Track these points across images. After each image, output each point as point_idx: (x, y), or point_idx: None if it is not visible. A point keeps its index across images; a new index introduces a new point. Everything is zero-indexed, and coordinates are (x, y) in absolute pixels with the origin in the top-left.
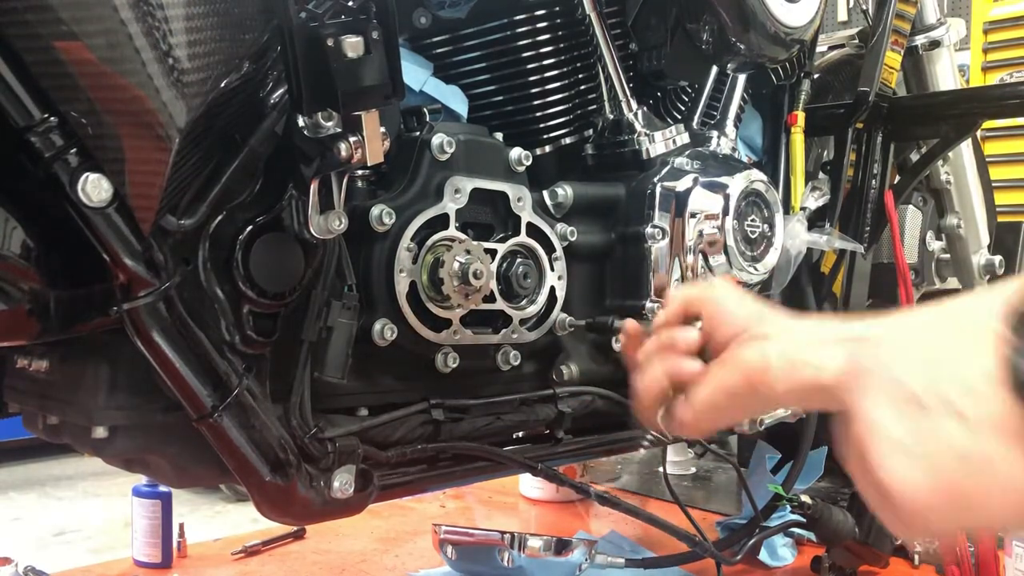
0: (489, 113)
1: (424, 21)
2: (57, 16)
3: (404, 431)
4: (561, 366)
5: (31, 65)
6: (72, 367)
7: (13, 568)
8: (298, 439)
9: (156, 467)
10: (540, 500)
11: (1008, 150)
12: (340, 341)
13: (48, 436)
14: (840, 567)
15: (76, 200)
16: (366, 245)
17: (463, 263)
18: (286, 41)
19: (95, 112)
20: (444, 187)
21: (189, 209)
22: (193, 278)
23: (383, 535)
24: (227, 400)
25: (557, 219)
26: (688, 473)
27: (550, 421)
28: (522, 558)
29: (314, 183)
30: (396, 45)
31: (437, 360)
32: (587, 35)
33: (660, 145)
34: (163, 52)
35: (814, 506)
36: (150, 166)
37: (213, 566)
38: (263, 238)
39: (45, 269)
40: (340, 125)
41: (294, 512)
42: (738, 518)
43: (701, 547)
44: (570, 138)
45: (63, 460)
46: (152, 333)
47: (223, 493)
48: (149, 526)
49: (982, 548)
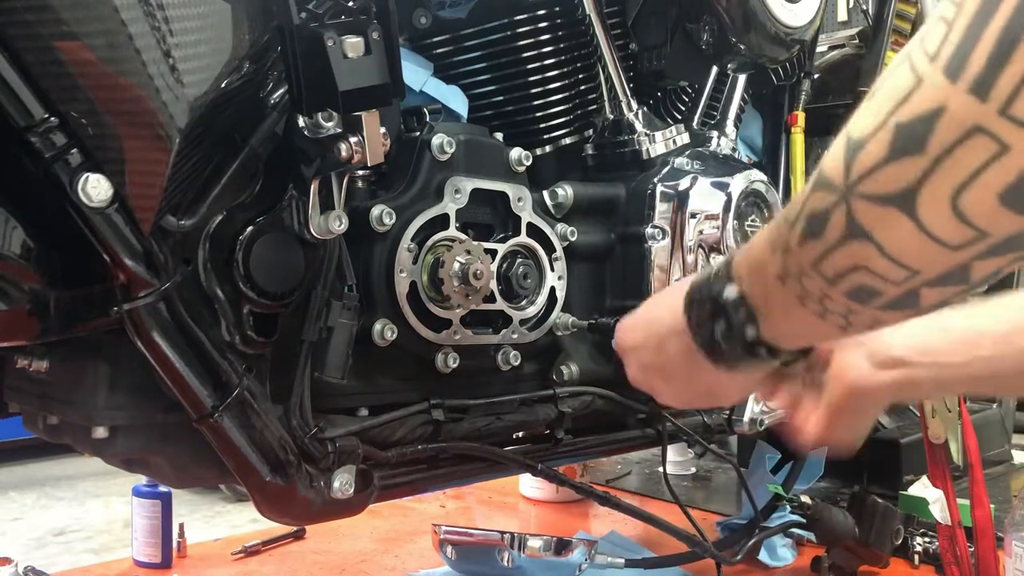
0: (489, 113)
1: (424, 21)
2: (57, 16)
3: (404, 431)
4: (561, 366)
5: (31, 65)
6: (72, 367)
7: (13, 568)
8: (298, 439)
9: (156, 467)
10: (540, 500)
11: None
12: (340, 341)
13: (48, 436)
14: (840, 567)
15: (76, 200)
16: (366, 245)
17: (463, 263)
18: (286, 41)
19: (95, 112)
20: (444, 187)
21: (189, 209)
22: (193, 278)
23: (383, 535)
24: (227, 400)
25: (557, 219)
26: (688, 473)
27: (550, 421)
28: (522, 558)
29: (314, 183)
30: (396, 45)
31: (437, 360)
32: (587, 35)
33: (660, 145)
34: (163, 52)
35: (814, 506)
36: (150, 166)
37: (213, 566)
38: (263, 238)
39: (45, 269)
40: (340, 125)
41: (294, 512)
42: (738, 518)
43: (701, 547)
44: (570, 138)
45: (63, 460)
46: (152, 333)
47: (223, 493)
48: (149, 526)
49: (982, 548)
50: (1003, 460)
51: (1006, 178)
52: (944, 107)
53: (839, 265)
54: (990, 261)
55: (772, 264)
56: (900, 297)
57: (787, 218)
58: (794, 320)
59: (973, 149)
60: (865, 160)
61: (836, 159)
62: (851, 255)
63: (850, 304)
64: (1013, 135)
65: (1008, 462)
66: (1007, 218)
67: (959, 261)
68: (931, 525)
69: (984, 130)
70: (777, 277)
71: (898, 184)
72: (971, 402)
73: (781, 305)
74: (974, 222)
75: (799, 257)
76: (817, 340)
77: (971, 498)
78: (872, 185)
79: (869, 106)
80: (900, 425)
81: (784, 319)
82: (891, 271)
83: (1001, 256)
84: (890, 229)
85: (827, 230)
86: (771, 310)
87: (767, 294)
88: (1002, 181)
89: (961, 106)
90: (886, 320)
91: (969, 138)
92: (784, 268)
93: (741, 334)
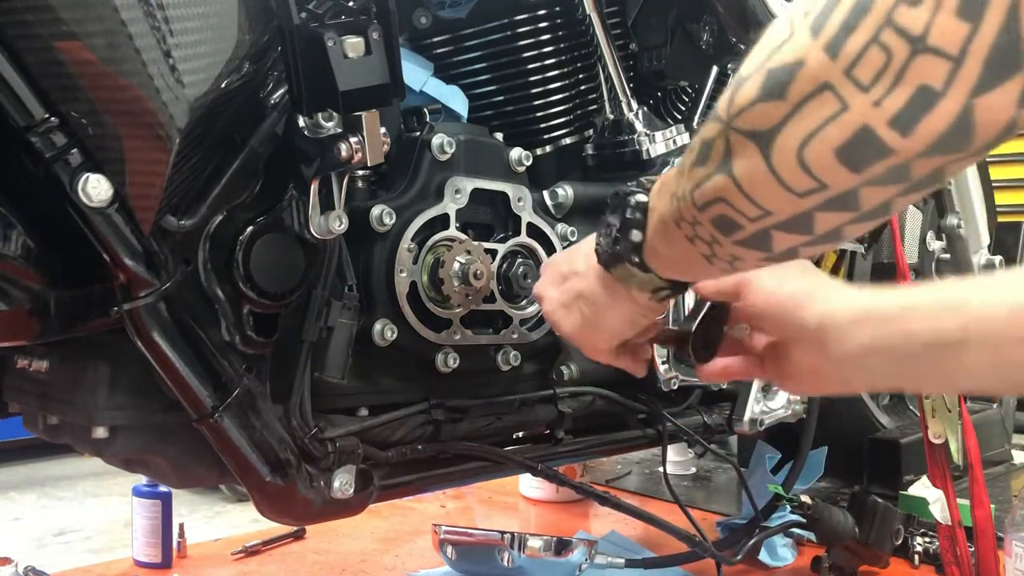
0: (489, 113)
1: (424, 21)
2: (57, 16)
3: (404, 431)
4: (561, 366)
5: (31, 65)
6: (72, 367)
7: (13, 568)
8: (298, 439)
9: (156, 467)
10: (540, 500)
11: (1008, 150)
12: (340, 341)
13: (48, 436)
14: (840, 567)
15: (76, 200)
16: (366, 245)
17: (463, 263)
18: (286, 41)
19: (96, 112)
20: (444, 187)
21: (189, 209)
22: (193, 278)
23: (383, 535)
24: (227, 400)
25: (557, 219)
26: (688, 473)
27: (550, 421)
28: (522, 558)
29: (314, 183)
30: (396, 45)
31: (437, 360)
32: (587, 35)
33: (661, 145)
34: (163, 52)
35: (814, 506)
36: (150, 166)
37: (213, 566)
38: (263, 238)
39: (45, 269)
40: (340, 125)
41: (294, 512)
42: (738, 518)
43: (701, 547)
44: (570, 138)
45: (63, 460)
46: (152, 333)
47: (223, 493)
48: (149, 526)
49: (982, 548)
50: (1003, 460)
51: (843, 134)
52: (803, 60)
53: (707, 194)
54: (831, 214)
55: (673, 184)
56: (755, 235)
57: (691, 145)
58: (672, 240)
59: (821, 103)
60: (741, 97)
61: (725, 94)
62: (717, 186)
63: (714, 232)
64: (853, 95)
65: (1008, 462)
66: (842, 173)
67: (803, 208)
68: (931, 525)
69: (831, 87)
70: (672, 196)
71: (762, 123)
72: (971, 402)
73: (664, 223)
74: (815, 172)
75: (685, 181)
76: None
77: (971, 498)
78: (743, 120)
79: (753, 51)
80: (900, 425)
81: (663, 237)
82: (746, 207)
83: (841, 211)
84: (748, 165)
85: (710, 158)
86: (658, 225)
87: (660, 210)
88: (840, 137)
89: (816, 62)
90: (744, 258)
91: (820, 92)
92: (677, 189)
93: (627, 235)
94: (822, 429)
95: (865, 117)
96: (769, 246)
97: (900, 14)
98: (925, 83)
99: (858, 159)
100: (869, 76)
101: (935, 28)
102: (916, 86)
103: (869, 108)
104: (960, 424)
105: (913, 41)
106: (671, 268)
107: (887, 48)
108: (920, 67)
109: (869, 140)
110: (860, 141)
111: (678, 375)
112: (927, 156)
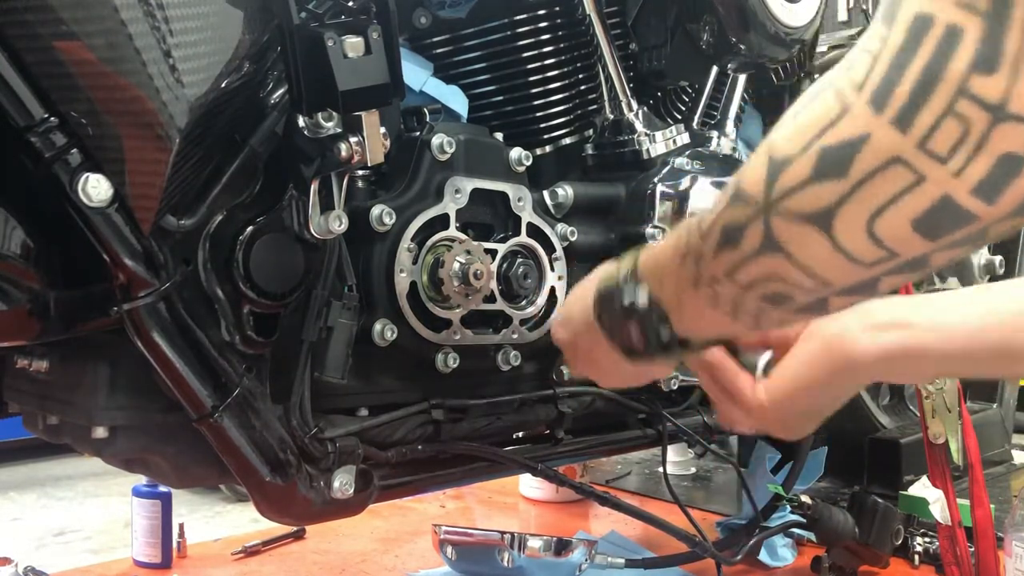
0: (489, 113)
1: (424, 21)
2: (57, 16)
3: (404, 431)
4: (561, 366)
5: (31, 65)
6: (72, 367)
7: (13, 568)
8: (298, 439)
9: (156, 467)
10: (540, 500)
11: None
12: (340, 341)
13: (48, 436)
14: (840, 567)
15: (76, 200)
16: (366, 245)
17: (463, 263)
18: (286, 41)
19: (95, 112)
20: (444, 187)
21: (189, 209)
22: (193, 278)
23: (383, 535)
24: (227, 400)
25: (557, 219)
26: (688, 473)
27: (550, 421)
28: (522, 558)
29: (314, 183)
30: (396, 45)
31: (437, 360)
32: (587, 35)
33: (660, 145)
34: (163, 52)
35: (814, 506)
36: (150, 166)
37: (213, 566)
38: (263, 238)
39: (45, 269)
40: (340, 125)
41: (294, 512)
42: (738, 518)
43: (701, 547)
44: (570, 138)
45: (63, 460)
46: (152, 333)
47: (223, 493)
48: (149, 526)
49: (982, 548)
50: (1003, 460)
51: (920, 206)
52: (868, 136)
53: (754, 274)
54: (897, 277)
55: (684, 271)
56: (810, 303)
57: (700, 228)
58: (706, 319)
59: (892, 177)
60: (788, 179)
61: (757, 176)
62: (766, 266)
63: (762, 305)
64: (930, 167)
65: (1008, 462)
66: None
67: (870, 276)
68: (931, 525)
69: (903, 161)
70: (690, 283)
71: (818, 204)
72: (971, 402)
73: (694, 307)
74: (887, 244)
75: (713, 266)
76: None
77: (971, 498)
78: (793, 203)
79: (793, 128)
80: (900, 425)
81: (696, 319)
82: (804, 281)
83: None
84: (807, 245)
85: (743, 242)
86: (683, 312)
87: (679, 297)
88: (916, 208)
89: (884, 136)
90: (793, 321)
91: (889, 167)
92: (697, 275)
93: (656, 335)
94: (822, 429)
95: (945, 187)
96: (825, 309)
97: (976, 84)
98: (1009, 151)
99: (937, 228)
100: (946, 147)
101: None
102: (999, 154)
103: (949, 178)
104: (960, 424)
105: (993, 110)
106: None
107: (964, 118)
108: (1002, 135)
109: (950, 209)
110: (940, 211)
111: (678, 375)
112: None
